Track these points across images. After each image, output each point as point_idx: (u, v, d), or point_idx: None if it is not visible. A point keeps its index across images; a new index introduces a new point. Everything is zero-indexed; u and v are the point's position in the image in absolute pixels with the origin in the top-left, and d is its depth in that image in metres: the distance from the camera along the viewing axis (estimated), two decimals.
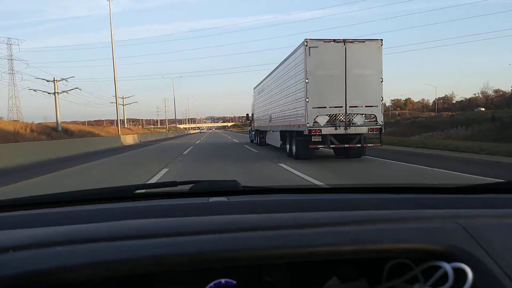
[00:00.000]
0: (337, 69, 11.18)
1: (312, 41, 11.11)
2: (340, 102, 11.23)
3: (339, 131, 11.27)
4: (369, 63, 11.25)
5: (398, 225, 0.78)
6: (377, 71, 11.27)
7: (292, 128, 12.98)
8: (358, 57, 11.20)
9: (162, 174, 9.35)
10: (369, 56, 11.24)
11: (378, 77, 11.28)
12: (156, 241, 0.70)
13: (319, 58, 11.15)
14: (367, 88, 11.25)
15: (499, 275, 0.67)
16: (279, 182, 7.95)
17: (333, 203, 1.13)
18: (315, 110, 11.19)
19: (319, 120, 11.22)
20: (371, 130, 11.37)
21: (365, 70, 11.24)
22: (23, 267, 0.63)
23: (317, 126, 11.20)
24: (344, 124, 11.26)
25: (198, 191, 1.31)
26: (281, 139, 15.51)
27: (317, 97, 11.18)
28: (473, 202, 1.09)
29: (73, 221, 0.90)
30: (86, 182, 8.66)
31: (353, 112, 11.28)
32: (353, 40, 11.18)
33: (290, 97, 12.96)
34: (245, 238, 0.72)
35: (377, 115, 11.36)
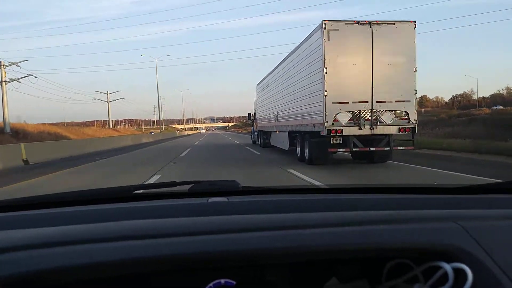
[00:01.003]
0: (361, 57, 9.26)
1: (331, 23, 9.18)
2: (365, 97, 9.30)
3: (364, 132, 9.35)
4: (400, 49, 9.33)
5: (398, 225, 0.79)
6: (409, 59, 9.34)
7: (304, 128, 11.05)
8: (387, 42, 9.27)
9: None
10: (400, 41, 9.31)
11: (410, 66, 9.36)
12: (156, 241, 0.70)
13: (341, 43, 9.23)
14: (397, 79, 9.33)
15: (499, 275, 0.66)
16: None
17: (333, 203, 1.13)
18: (335, 106, 9.26)
19: (340, 118, 9.29)
20: (402, 130, 9.45)
21: (396, 57, 9.32)
22: (22, 267, 0.64)
23: (338, 126, 9.27)
24: (369, 123, 9.34)
25: (198, 192, 1.30)
26: (290, 140, 13.58)
27: (338, 90, 9.25)
28: (473, 203, 1.08)
29: (72, 222, 0.89)
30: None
31: (380, 109, 9.35)
32: (381, 22, 9.26)
33: (303, 91, 11.03)
34: (245, 238, 0.72)
35: (409, 112, 9.44)
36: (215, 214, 0.94)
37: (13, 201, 1.21)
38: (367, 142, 9.70)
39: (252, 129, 25.93)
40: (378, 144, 9.72)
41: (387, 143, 9.68)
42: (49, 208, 1.14)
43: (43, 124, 40.90)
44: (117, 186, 1.37)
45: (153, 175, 9.05)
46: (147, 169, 10.47)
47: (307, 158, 10.92)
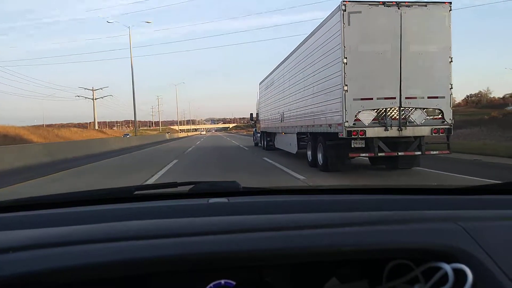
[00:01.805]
0: (388, 44, 7.81)
1: (352, 4, 7.74)
2: (392, 92, 7.85)
3: (391, 133, 7.90)
4: (433, 35, 7.89)
5: (399, 226, 0.79)
6: (444, 48, 7.90)
7: (317, 129, 9.60)
8: (418, 28, 7.82)
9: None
10: (433, 26, 7.86)
11: (445, 55, 7.91)
12: (156, 242, 0.70)
13: (363, 28, 7.79)
14: (430, 71, 7.88)
15: (499, 276, 0.66)
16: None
17: (333, 204, 1.13)
18: (357, 103, 7.81)
19: (363, 117, 7.84)
20: (435, 131, 7.99)
21: (428, 45, 7.87)
22: (22, 268, 0.63)
23: (360, 126, 7.82)
24: (397, 122, 7.89)
25: (198, 192, 1.30)
26: (298, 143, 12.14)
27: (360, 84, 7.81)
28: (473, 203, 1.08)
29: (73, 223, 0.88)
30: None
31: (410, 106, 7.91)
32: (411, 3, 7.80)
33: (316, 86, 9.58)
34: (245, 239, 0.72)
35: (444, 110, 7.99)
36: (216, 214, 0.94)
37: (14, 201, 1.21)
38: (394, 145, 8.25)
39: (254, 130, 24.47)
40: (408, 148, 8.26)
41: (418, 147, 8.22)
42: (50, 208, 1.13)
43: (14, 127, 35.11)
44: (118, 187, 1.35)
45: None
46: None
47: (320, 164, 9.47)
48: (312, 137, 10.36)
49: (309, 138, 10.71)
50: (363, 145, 8.11)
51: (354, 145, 8.09)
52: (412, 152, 8.21)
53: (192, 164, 12.67)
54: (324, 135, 9.23)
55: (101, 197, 1.26)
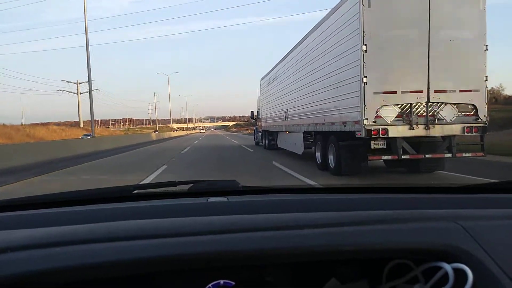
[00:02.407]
0: (414, 29, 6.74)
1: None
2: (419, 84, 6.78)
3: (417, 132, 6.83)
4: (466, 20, 6.82)
5: (398, 225, 0.78)
6: (478, 34, 6.83)
7: (329, 127, 8.53)
8: (448, 11, 6.76)
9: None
10: (466, 9, 6.80)
11: (479, 43, 6.85)
12: (155, 241, 0.70)
13: (385, 10, 6.72)
14: (462, 61, 6.81)
15: (499, 275, 0.65)
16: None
17: (333, 203, 1.13)
18: (378, 98, 6.74)
19: (385, 113, 6.78)
20: (467, 130, 6.92)
21: (460, 31, 6.80)
22: (22, 268, 0.63)
23: (381, 124, 6.75)
24: (424, 120, 6.83)
25: (198, 191, 1.29)
26: (305, 142, 11.08)
27: (382, 75, 6.74)
28: (473, 202, 1.07)
29: (72, 222, 0.88)
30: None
31: (439, 101, 6.84)
32: None
33: (327, 79, 8.50)
34: (245, 238, 0.72)
35: (478, 106, 6.92)
36: (215, 213, 0.93)
37: (13, 200, 1.20)
38: (420, 146, 7.19)
39: (255, 129, 23.39)
40: (436, 150, 7.20)
41: (447, 148, 7.16)
42: (49, 207, 1.13)
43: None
44: (117, 186, 1.34)
45: None
46: None
47: (332, 167, 8.41)
48: (322, 137, 9.29)
49: (318, 138, 9.64)
50: (384, 146, 7.04)
51: (374, 146, 7.03)
52: (442, 155, 7.15)
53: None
54: (337, 135, 8.16)
55: (100, 196, 1.25)
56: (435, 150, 7.19)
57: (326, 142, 8.87)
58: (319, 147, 9.57)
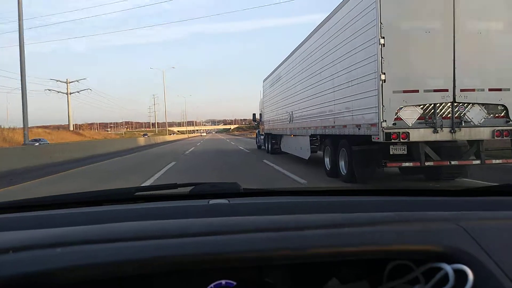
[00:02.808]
0: (438, 20, 6.01)
1: None
2: (443, 82, 6.04)
3: (441, 136, 6.08)
4: (497, 9, 6.09)
5: (399, 226, 0.78)
6: (510, 25, 6.10)
7: (340, 130, 7.79)
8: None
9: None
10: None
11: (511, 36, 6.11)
12: (157, 243, 0.70)
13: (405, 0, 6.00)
14: (492, 56, 6.07)
15: (500, 276, 0.65)
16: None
17: (334, 205, 1.13)
18: (398, 97, 6.00)
19: (405, 115, 6.03)
20: (497, 133, 6.16)
21: (490, 22, 6.07)
22: (23, 268, 0.63)
23: (402, 127, 6.01)
24: (449, 122, 6.08)
25: (199, 193, 1.29)
26: (312, 146, 10.34)
27: (402, 72, 6.00)
28: (474, 204, 1.08)
29: (73, 223, 0.89)
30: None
31: (466, 101, 6.09)
32: None
33: (338, 78, 7.75)
34: (246, 239, 0.72)
35: (509, 107, 6.17)
36: (216, 215, 0.93)
37: (15, 202, 1.21)
38: (442, 152, 6.44)
39: (257, 132, 22.66)
40: (462, 156, 6.45)
41: (475, 154, 6.41)
42: (51, 209, 1.13)
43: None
44: (119, 188, 1.34)
45: None
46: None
47: (344, 174, 7.66)
48: (332, 141, 8.55)
49: (327, 142, 8.89)
50: (404, 151, 6.30)
51: (393, 152, 6.28)
52: (469, 161, 6.39)
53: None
54: (349, 138, 7.42)
55: (102, 198, 1.25)
56: (460, 156, 6.44)
57: (337, 147, 8.13)
58: (328, 152, 8.82)
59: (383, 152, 6.44)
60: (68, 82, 50.41)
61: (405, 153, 6.29)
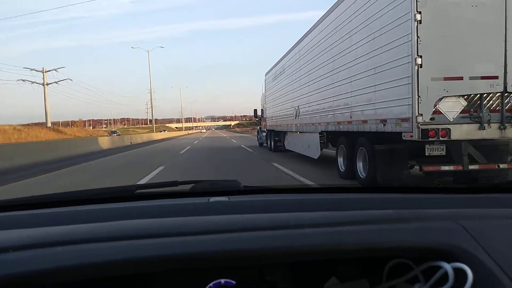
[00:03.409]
0: None
1: None
2: (493, 67, 4.94)
3: (488, 133, 4.99)
4: None
5: (399, 225, 0.78)
6: None
7: (359, 126, 6.69)
8: None
9: None
10: None
11: None
12: (157, 241, 0.70)
13: None
14: None
15: (499, 275, 0.65)
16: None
17: (334, 203, 1.12)
18: (438, 86, 4.90)
19: (446, 107, 4.94)
20: None
21: None
22: (23, 267, 0.63)
23: (441, 122, 4.92)
24: (499, 116, 4.99)
25: (199, 191, 1.29)
26: (322, 144, 9.26)
27: (443, 55, 4.90)
28: (473, 202, 1.07)
29: (73, 222, 0.88)
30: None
31: None
32: None
33: (357, 65, 6.63)
34: (246, 238, 0.71)
35: None
36: (216, 213, 0.93)
37: (14, 200, 1.20)
38: (489, 152, 5.35)
39: (259, 128, 21.54)
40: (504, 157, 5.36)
41: None
42: (51, 207, 1.12)
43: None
44: (119, 186, 1.35)
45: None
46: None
47: (363, 176, 6.58)
48: (347, 139, 7.46)
49: (342, 140, 7.79)
50: (443, 151, 5.20)
51: (429, 152, 5.18)
52: None
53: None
54: (370, 136, 6.33)
55: (102, 196, 1.24)
56: (501, 157, 5.35)
57: (353, 145, 7.04)
58: (342, 151, 7.73)
59: (413, 152, 5.35)
60: (45, 71, 43.65)
61: (444, 154, 5.20)
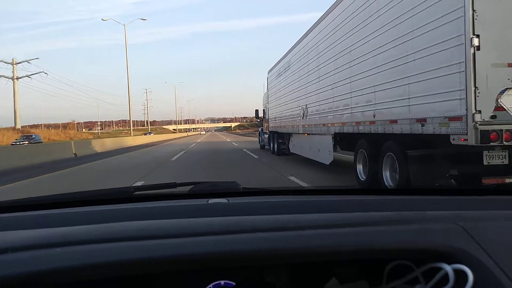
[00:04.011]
0: None
1: None
2: None
3: None
4: None
5: (399, 226, 0.78)
6: None
7: (387, 127, 5.53)
8: None
9: None
10: None
11: None
12: (156, 242, 0.69)
13: None
14: None
15: (500, 276, 0.65)
16: None
17: (334, 204, 1.11)
18: (500, 74, 3.77)
19: (509, 102, 3.81)
20: None
21: None
22: (22, 268, 0.63)
23: (505, 121, 3.79)
24: None
25: (198, 193, 1.28)
26: (336, 147, 8.14)
27: (505, 36, 3.78)
28: (474, 204, 1.07)
29: (72, 223, 0.87)
30: None
31: None
32: None
33: (389, 50, 5.41)
34: (245, 239, 0.71)
35: None
36: (215, 215, 0.92)
37: (14, 202, 1.20)
38: None
39: (260, 130, 20.40)
40: None
41: None
42: (50, 209, 1.12)
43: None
44: (118, 187, 1.34)
45: None
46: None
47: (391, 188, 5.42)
48: (369, 142, 6.33)
49: (362, 144, 6.66)
50: (505, 159, 4.06)
51: (488, 161, 4.04)
52: None
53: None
54: (400, 139, 5.20)
55: (101, 198, 1.24)
56: None
57: (378, 150, 5.91)
58: (362, 156, 6.59)
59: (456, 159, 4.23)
60: (15, 63, 37.56)
61: (506, 163, 4.06)
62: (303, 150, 11.15)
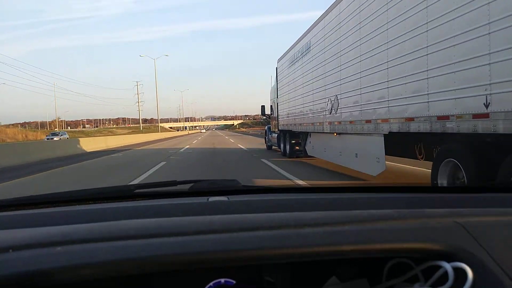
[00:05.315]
0: None
1: None
2: None
3: None
4: None
5: (398, 224, 0.78)
6: None
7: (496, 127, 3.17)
8: None
9: None
10: None
11: None
12: (156, 241, 0.69)
13: None
14: None
15: (499, 274, 0.65)
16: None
17: (334, 202, 1.12)
18: None
19: None
20: None
21: None
22: (22, 267, 0.62)
23: None
24: None
25: (198, 191, 1.28)
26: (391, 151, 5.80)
27: None
28: (473, 202, 1.07)
29: (73, 221, 0.88)
30: None
31: None
32: None
33: None
34: (245, 237, 0.71)
35: None
36: (216, 213, 0.92)
37: (14, 200, 1.19)
38: None
39: (267, 128, 17.96)
40: None
41: None
42: (50, 207, 1.12)
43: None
44: (118, 185, 1.33)
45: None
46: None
47: None
48: (468, 147, 3.97)
49: (451, 150, 4.29)
50: None
51: None
52: None
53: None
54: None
55: (101, 196, 1.24)
56: None
57: (486, 162, 3.55)
58: (450, 170, 4.23)
59: None
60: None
61: None
62: (329, 154, 8.81)
